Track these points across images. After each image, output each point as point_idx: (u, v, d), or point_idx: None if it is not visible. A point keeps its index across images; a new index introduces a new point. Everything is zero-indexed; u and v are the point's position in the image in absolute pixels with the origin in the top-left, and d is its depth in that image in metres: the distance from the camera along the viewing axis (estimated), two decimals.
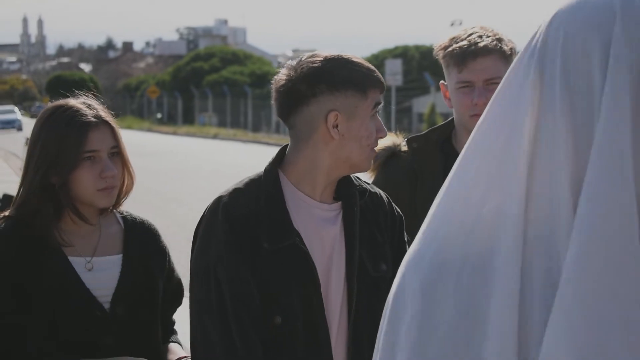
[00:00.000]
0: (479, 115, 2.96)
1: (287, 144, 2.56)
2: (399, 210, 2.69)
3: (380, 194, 2.66)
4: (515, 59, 1.23)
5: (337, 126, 2.41)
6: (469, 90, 2.89)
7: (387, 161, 3.08)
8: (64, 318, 2.53)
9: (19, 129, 51.82)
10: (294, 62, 2.47)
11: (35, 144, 2.60)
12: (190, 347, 2.53)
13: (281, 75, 2.47)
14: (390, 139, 3.11)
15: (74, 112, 2.59)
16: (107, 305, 2.59)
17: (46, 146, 2.57)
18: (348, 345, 2.49)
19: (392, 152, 3.08)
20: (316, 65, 2.42)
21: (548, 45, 1.19)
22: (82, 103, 2.64)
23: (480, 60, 2.86)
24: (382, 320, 1.29)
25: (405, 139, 3.11)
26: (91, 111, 2.61)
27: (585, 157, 1.13)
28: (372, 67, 2.48)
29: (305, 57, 2.47)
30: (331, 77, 2.41)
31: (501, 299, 1.15)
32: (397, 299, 1.25)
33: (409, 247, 2.65)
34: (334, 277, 2.48)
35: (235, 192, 2.46)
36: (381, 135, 2.47)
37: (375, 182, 3.06)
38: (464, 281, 1.18)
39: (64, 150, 2.55)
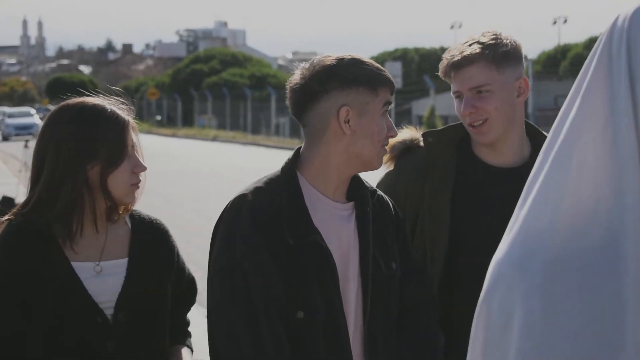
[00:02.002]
0: (473, 126, 2.96)
1: (300, 146, 2.62)
2: (400, 211, 2.75)
3: (383, 196, 2.72)
4: (599, 52, 1.24)
5: (348, 121, 2.49)
6: (460, 100, 2.89)
7: (403, 154, 3.07)
8: (65, 326, 2.49)
9: (36, 135, 45.57)
10: (307, 64, 2.56)
11: (65, 142, 2.50)
12: (208, 344, 2.53)
13: (295, 75, 2.56)
14: (409, 133, 3.10)
15: (110, 109, 2.55)
16: (110, 311, 2.54)
17: (83, 143, 2.49)
18: (364, 342, 2.54)
19: (409, 146, 3.07)
20: (328, 63, 2.51)
21: (632, 46, 1.20)
22: (107, 100, 2.60)
23: (463, 70, 2.83)
24: (476, 327, 1.26)
25: (422, 133, 3.09)
26: (120, 109, 2.58)
27: None
28: (382, 68, 2.58)
29: (317, 58, 2.58)
30: (343, 73, 2.49)
31: (635, 297, 1.13)
32: (503, 302, 1.22)
33: (411, 246, 2.70)
34: (351, 275, 2.54)
35: (257, 191, 2.52)
36: (392, 134, 2.56)
37: (388, 174, 3.07)
38: (588, 277, 1.16)
39: (108, 144, 2.50)
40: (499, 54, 2.84)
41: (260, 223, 2.46)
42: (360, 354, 2.54)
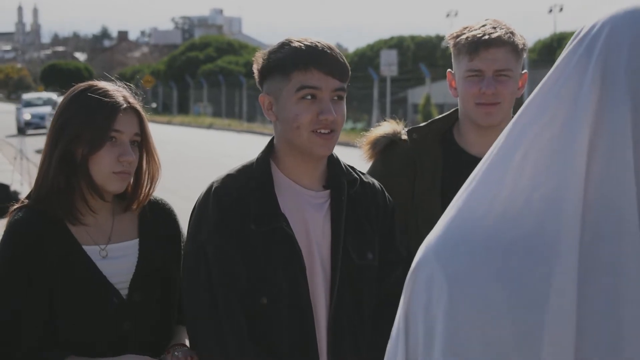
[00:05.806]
0: (484, 104, 2.99)
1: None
2: (391, 199, 2.72)
3: (373, 184, 2.70)
4: (565, 54, 1.25)
5: (272, 109, 2.53)
6: (478, 80, 2.89)
7: (386, 148, 3.07)
8: (82, 308, 2.51)
9: None
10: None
11: (64, 119, 2.57)
12: (186, 324, 2.59)
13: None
14: (391, 127, 3.10)
15: (106, 92, 2.59)
16: (124, 292, 2.58)
17: (74, 120, 2.54)
18: (328, 329, 2.54)
19: (392, 140, 3.07)
20: (259, 55, 2.57)
21: (611, 47, 1.21)
22: (113, 86, 2.64)
23: (492, 50, 2.87)
24: (402, 312, 1.27)
25: (406, 129, 3.10)
26: (121, 94, 2.61)
27: None
28: (312, 50, 2.50)
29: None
30: (263, 63, 2.55)
31: (560, 284, 1.14)
32: (424, 289, 1.22)
33: (401, 235, 2.68)
34: (318, 262, 2.54)
35: (227, 178, 2.57)
36: (324, 117, 2.47)
37: (373, 168, 3.06)
38: (511, 263, 1.16)
39: (92, 126, 2.53)
40: (521, 43, 2.93)
41: (226, 209, 2.50)
42: (325, 341, 2.55)
